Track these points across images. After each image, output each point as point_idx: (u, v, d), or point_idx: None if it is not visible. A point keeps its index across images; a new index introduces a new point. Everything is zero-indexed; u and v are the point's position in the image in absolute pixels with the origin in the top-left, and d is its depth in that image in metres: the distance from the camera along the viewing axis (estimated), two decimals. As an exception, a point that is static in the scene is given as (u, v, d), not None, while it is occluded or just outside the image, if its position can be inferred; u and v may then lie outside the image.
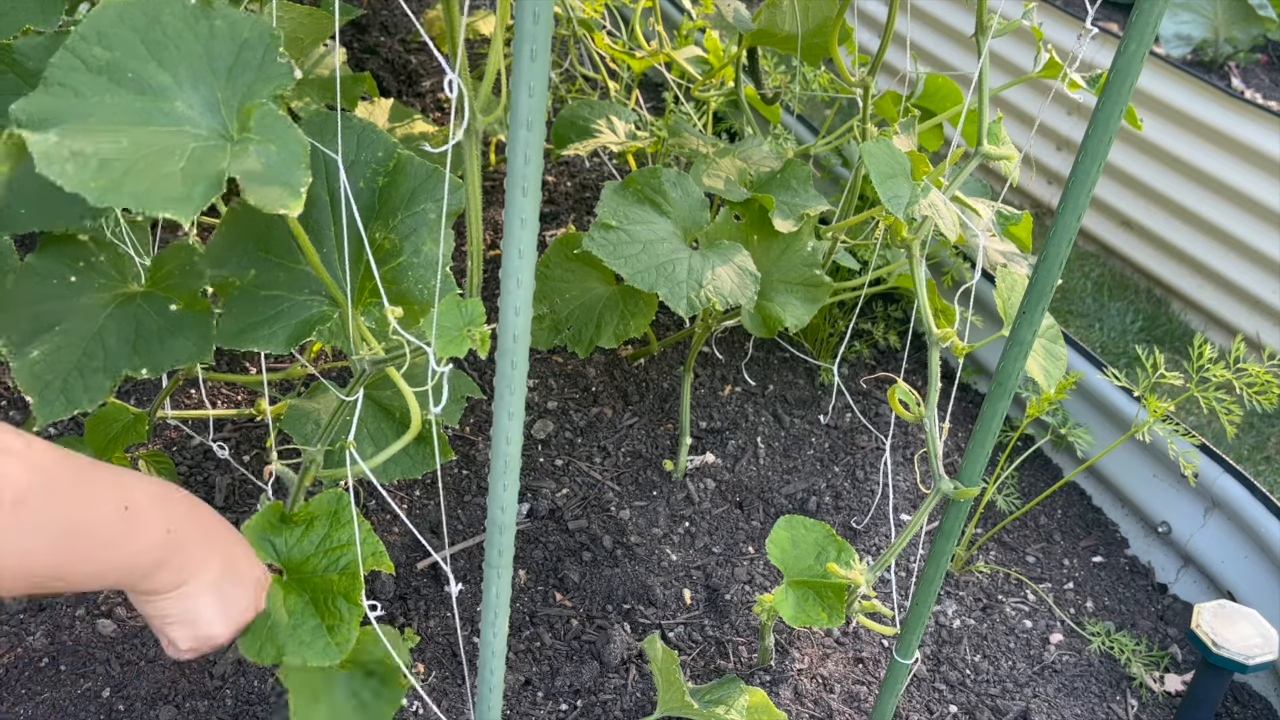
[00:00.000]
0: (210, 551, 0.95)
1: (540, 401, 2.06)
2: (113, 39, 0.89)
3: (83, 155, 0.80)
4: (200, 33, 0.92)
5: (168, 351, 1.10)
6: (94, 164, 0.80)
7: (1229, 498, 1.83)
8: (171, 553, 0.90)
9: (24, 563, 0.76)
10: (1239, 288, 2.87)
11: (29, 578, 0.78)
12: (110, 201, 0.78)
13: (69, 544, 0.79)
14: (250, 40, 0.92)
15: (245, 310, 1.11)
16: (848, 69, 1.75)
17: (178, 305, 1.13)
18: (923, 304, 1.44)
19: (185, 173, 0.82)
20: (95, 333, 1.10)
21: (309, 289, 1.12)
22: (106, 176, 0.79)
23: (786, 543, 1.40)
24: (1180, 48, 3.50)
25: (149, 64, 0.89)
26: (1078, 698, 1.69)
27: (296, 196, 0.85)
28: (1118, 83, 0.87)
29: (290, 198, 0.85)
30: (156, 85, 0.89)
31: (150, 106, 0.89)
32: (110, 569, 0.86)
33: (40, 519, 0.75)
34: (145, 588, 0.91)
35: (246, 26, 0.92)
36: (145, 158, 0.82)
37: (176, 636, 0.96)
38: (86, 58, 0.87)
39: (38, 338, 1.09)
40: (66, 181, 0.78)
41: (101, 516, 0.82)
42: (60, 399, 1.07)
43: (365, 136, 1.10)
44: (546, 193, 2.65)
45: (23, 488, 0.73)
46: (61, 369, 1.08)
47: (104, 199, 0.78)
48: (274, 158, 0.86)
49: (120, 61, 0.88)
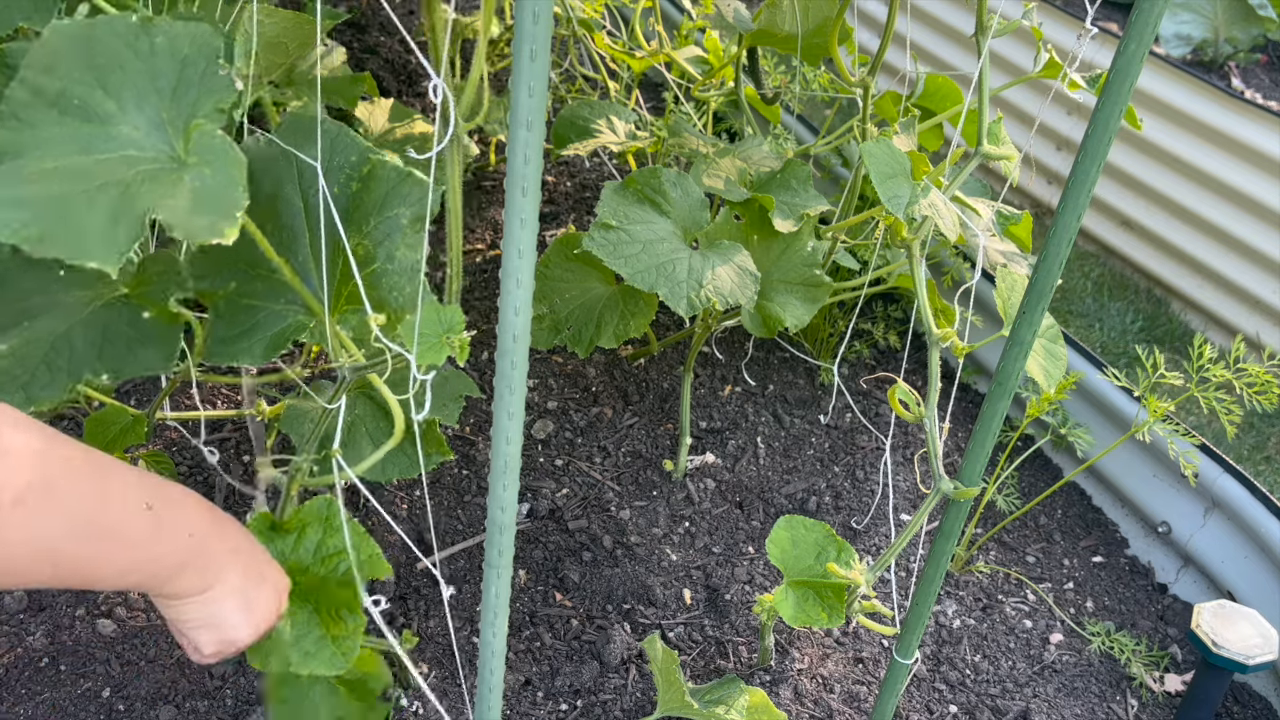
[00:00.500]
0: (233, 556, 0.96)
1: (540, 401, 2.06)
2: (58, 67, 0.87)
3: (18, 203, 0.79)
4: (141, 51, 0.90)
5: (132, 360, 1.08)
6: (28, 213, 0.79)
7: (1229, 498, 1.83)
8: (195, 555, 0.90)
9: (38, 556, 0.76)
10: (1239, 288, 2.87)
11: (49, 572, 0.78)
12: (44, 252, 0.78)
13: (92, 543, 0.79)
14: (190, 56, 0.91)
15: (226, 322, 1.10)
16: (848, 69, 1.75)
17: (150, 313, 1.11)
18: (923, 304, 1.44)
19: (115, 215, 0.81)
20: (64, 333, 1.08)
21: (285, 299, 1.11)
22: (40, 225, 0.79)
23: (786, 543, 1.40)
24: (1180, 48, 3.50)
25: (95, 90, 0.88)
26: (1078, 698, 1.69)
27: (231, 223, 0.82)
28: (1118, 83, 0.87)
29: (225, 224, 0.82)
30: (102, 112, 0.88)
31: (96, 132, 0.87)
32: (134, 569, 0.86)
33: (49, 516, 0.75)
34: (169, 591, 0.91)
35: (186, 41, 0.91)
36: (79, 197, 0.82)
37: (201, 641, 0.96)
38: (36, 88, 0.86)
39: (11, 331, 1.08)
40: (4, 235, 0.78)
41: (125, 516, 0.82)
42: (19, 394, 1.05)
43: (339, 141, 1.08)
44: (546, 193, 2.65)
45: (21, 488, 0.73)
46: (28, 365, 1.06)
47: (39, 249, 0.78)
48: (208, 181, 0.85)
49: (68, 90, 0.87)
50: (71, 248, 0.79)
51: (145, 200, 0.83)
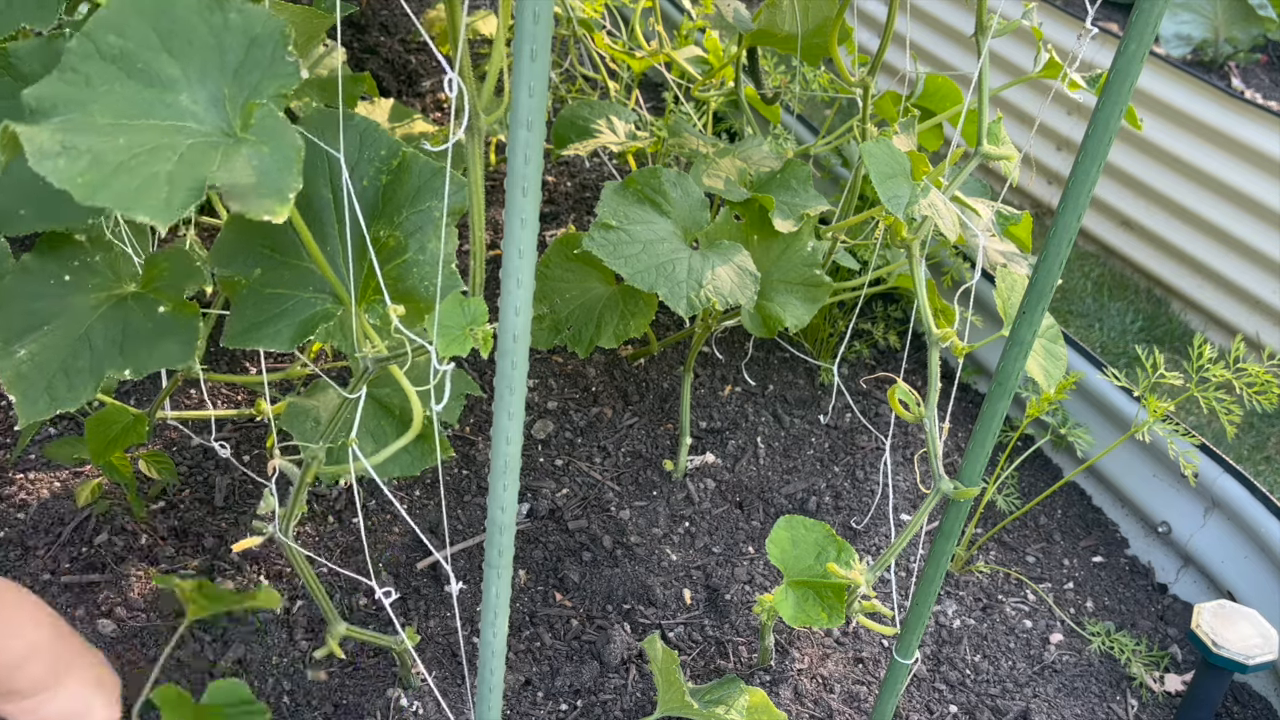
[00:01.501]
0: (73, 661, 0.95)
1: (540, 401, 2.06)
2: (127, 27, 0.88)
3: (75, 150, 0.79)
4: (214, 25, 0.91)
5: (154, 354, 1.10)
6: (85, 160, 0.79)
7: (1229, 498, 1.83)
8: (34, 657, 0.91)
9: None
10: (1239, 288, 2.87)
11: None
12: (95, 199, 0.77)
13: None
14: (261, 36, 0.91)
15: (251, 309, 1.11)
16: (848, 69, 1.75)
17: (166, 307, 1.12)
18: (923, 304, 1.44)
19: (171, 176, 0.81)
20: (83, 333, 1.10)
21: (313, 286, 1.12)
22: (95, 173, 0.78)
23: (786, 543, 1.40)
24: (1180, 48, 3.50)
25: (160, 55, 0.89)
26: (1078, 698, 1.69)
27: (284, 202, 0.83)
28: (1118, 83, 0.87)
29: (277, 204, 0.83)
30: (165, 77, 0.89)
31: (155, 98, 0.88)
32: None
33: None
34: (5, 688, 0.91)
35: (259, 22, 0.91)
36: (137, 156, 0.82)
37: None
38: (101, 45, 0.86)
39: (26, 336, 1.08)
40: (56, 176, 0.77)
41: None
42: (44, 398, 1.06)
43: (368, 135, 1.10)
44: (546, 193, 2.65)
45: None
46: (47, 369, 1.07)
47: (90, 197, 0.77)
48: (266, 160, 0.85)
49: (133, 51, 0.87)
50: (126, 202, 0.78)
51: (203, 169, 0.83)
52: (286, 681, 1.50)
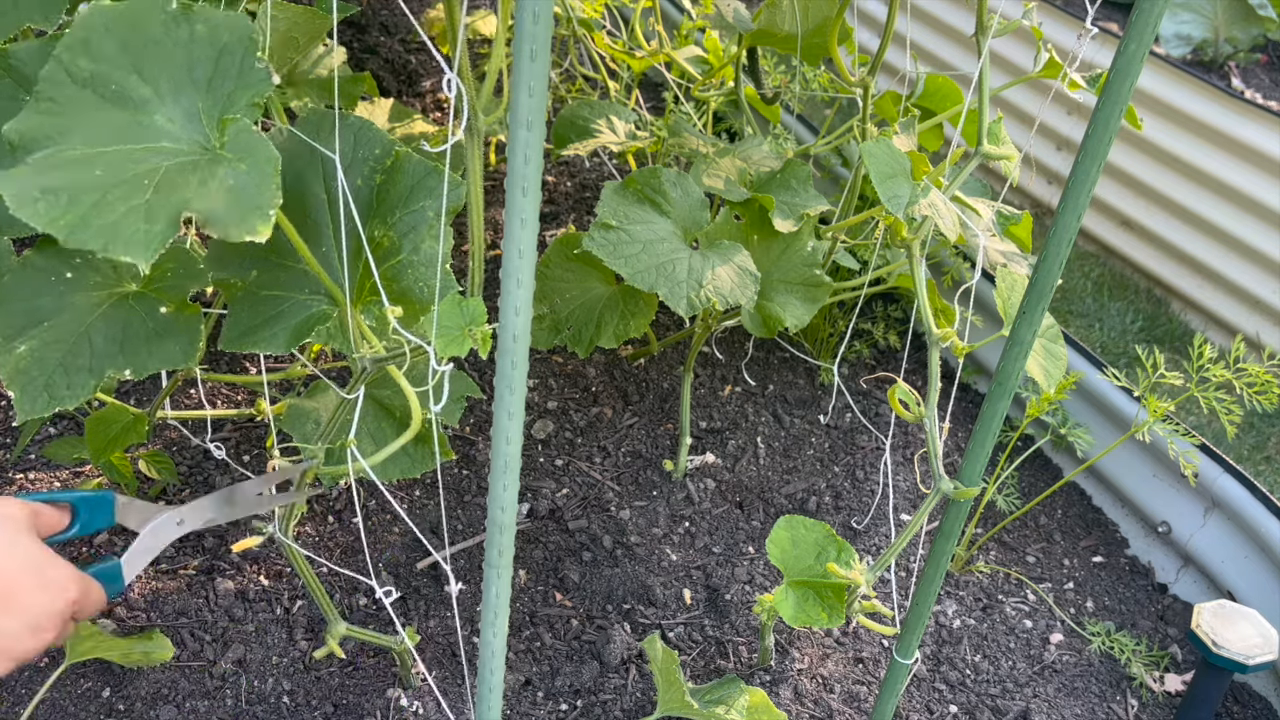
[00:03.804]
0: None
1: (540, 401, 2.06)
2: (96, 49, 0.87)
3: (54, 192, 0.79)
4: (180, 39, 0.90)
5: (154, 354, 1.10)
6: (64, 200, 0.79)
7: (1229, 498, 1.83)
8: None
9: None
10: (1239, 288, 2.87)
11: None
12: (76, 241, 0.78)
13: None
14: (229, 45, 0.90)
15: (247, 312, 1.11)
16: (848, 69, 1.75)
17: (167, 308, 1.12)
18: (923, 304, 1.44)
19: (149, 208, 0.81)
20: (83, 331, 1.10)
21: (309, 288, 1.12)
22: (74, 213, 0.78)
23: (786, 543, 1.40)
24: (1180, 48, 3.50)
25: (130, 75, 0.88)
26: (1078, 698, 1.69)
27: (266, 220, 0.81)
28: (1118, 83, 0.87)
29: (260, 222, 0.81)
30: (138, 98, 0.88)
31: (130, 121, 0.87)
32: None
33: None
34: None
35: (225, 30, 0.90)
36: (114, 189, 0.81)
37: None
38: (71, 69, 0.86)
39: (27, 333, 1.08)
40: (38, 222, 0.78)
41: None
42: (43, 395, 1.06)
43: (362, 134, 1.10)
44: (546, 193, 2.65)
45: None
46: (47, 365, 1.07)
47: (71, 239, 0.78)
48: (244, 178, 0.84)
49: (104, 73, 0.87)
50: (106, 240, 0.78)
51: (180, 195, 0.82)
52: (286, 681, 1.50)
